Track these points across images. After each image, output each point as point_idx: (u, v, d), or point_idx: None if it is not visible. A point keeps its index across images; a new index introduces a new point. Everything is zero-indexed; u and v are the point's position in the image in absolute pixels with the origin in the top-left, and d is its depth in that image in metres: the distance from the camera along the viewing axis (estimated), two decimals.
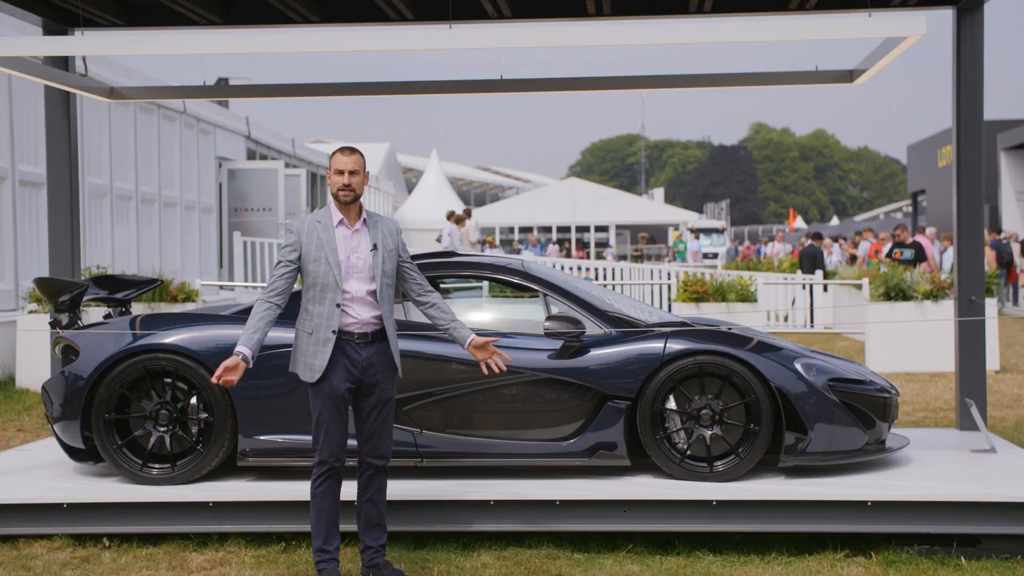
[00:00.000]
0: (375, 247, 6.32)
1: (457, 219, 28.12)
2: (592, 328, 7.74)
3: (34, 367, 13.93)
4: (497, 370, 6.53)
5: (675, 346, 7.52)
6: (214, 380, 6.05)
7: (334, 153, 6.34)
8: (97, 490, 7.48)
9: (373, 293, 6.29)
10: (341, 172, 6.29)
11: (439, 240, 28.84)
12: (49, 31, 9.72)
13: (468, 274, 8.24)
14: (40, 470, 8.16)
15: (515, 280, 8.03)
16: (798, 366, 7.52)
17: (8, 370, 14.97)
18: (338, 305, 6.22)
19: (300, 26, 9.64)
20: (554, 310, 7.84)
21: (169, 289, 16.03)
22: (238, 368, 6.06)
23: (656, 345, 7.55)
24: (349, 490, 6.57)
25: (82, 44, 9.17)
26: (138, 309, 14.80)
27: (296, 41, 8.65)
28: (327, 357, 6.20)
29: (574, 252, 45.88)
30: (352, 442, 6.59)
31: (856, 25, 7.69)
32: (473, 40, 8.27)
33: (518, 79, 9.73)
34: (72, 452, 7.88)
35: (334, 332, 6.22)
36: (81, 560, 6.91)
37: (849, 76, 9.46)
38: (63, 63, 9.76)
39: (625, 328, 7.76)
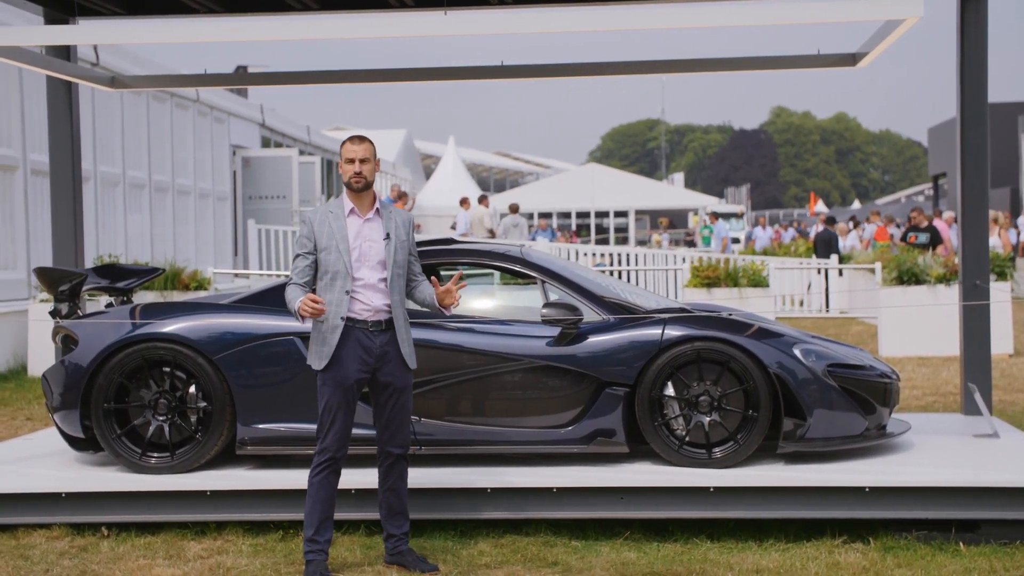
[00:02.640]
0: (388, 236, 6.37)
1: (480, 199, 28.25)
2: (590, 315, 7.70)
3: (46, 356, 13.96)
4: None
5: (673, 332, 7.48)
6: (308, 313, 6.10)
7: (344, 142, 6.41)
8: (96, 479, 7.51)
9: (384, 281, 6.33)
10: (351, 160, 6.35)
11: (453, 227, 28.84)
12: (50, 20, 9.73)
13: (467, 261, 8.21)
14: (40, 459, 8.18)
15: (514, 267, 8.00)
16: (796, 352, 7.47)
17: (20, 359, 15.04)
18: (347, 292, 6.26)
19: (300, 13, 9.62)
20: (552, 297, 7.81)
21: (181, 277, 16.07)
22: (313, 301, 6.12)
23: (654, 331, 7.51)
24: (347, 479, 6.57)
25: (82, 33, 9.20)
26: (150, 297, 14.85)
27: (294, 29, 8.64)
28: (335, 343, 6.23)
29: (559, 237, 44.89)
30: (357, 431, 6.67)
31: (854, 8, 7.62)
32: (471, 27, 8.24)
33: (519, 65, 9.70)
34: (72, 441, 7.89)
35: (343, 319, 6.25)
36: (79, 549, 6.93)
37: (852, 59, 9.39)
38: (65, 52, 9.77)
39: (623, 314, 7.72)
